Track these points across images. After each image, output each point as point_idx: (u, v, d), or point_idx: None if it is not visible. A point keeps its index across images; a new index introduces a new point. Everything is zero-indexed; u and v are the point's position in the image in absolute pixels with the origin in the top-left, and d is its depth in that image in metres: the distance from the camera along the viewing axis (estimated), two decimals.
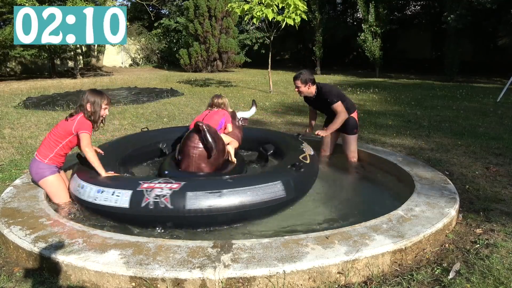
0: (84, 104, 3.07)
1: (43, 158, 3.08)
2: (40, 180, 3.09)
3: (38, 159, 3.09)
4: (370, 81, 14.81)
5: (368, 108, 8.55)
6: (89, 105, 3.07)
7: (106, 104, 3.15)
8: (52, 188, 3.10)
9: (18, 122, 7.01)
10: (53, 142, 3.09)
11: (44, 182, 3.09)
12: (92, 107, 3.07)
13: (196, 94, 11.06)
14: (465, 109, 8.23)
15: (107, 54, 23.22)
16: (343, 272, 2.14)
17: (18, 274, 2.28)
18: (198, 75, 17.75)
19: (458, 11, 13.70)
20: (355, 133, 4.18)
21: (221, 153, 3.54)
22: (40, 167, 3.07)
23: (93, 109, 3.08)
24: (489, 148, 5.02)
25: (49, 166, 3.09)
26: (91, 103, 3.07)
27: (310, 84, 4.01)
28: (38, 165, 3.08)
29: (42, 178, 3.07)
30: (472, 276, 2.19)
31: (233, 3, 9.62)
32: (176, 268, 2.03)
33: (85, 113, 3.07)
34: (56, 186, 3.11)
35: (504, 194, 3.46)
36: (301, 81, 3.98)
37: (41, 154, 3.10)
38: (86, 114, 3.07)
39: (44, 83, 14.45)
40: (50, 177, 3.09)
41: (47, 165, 3.08)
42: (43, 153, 3.09)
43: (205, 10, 18.70)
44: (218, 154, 3.47)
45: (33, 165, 3.12)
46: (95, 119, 3.11)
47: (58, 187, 3.12)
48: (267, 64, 11.65)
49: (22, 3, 12.26)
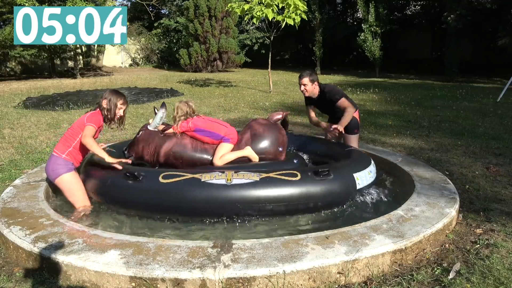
0: (100, 101, 3.16)
1: (61, 153, 3.03)
2: (56, 178, 3.01)
3: (56, 154, 3.04)
4: (370, 81, 14.81)
5: (368, 108, 8.55)
6: (105, 101, 3.15)
7: (121, 103, 3.19)
8: (69, 186, 3.03)
9: (18, 122, 7.00)
10: (70, 136, 3.08)
11: (61, 180, 3.01)
12: (108, 104, 3.14)
13: (196, 94, 11.06)
14: (465, 109, 8.23)
15: (107, 54, 23.22)
16: (343, 272, 2.14)
17: (18, 274, 2.28)
18: (198, 75, 17.75)
19: (458, 11, 13.71)
20: (356, 133, 4.18)
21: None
22: (57, 162, 3.01)
23: (108, 106, 3.14)
24: (489, 148, 5.02)
25: (66, 162, 3.03)
26: (107, 100, 3.15)
27: (316, 83, 3.99)
28: (55, 161, 3.02)
29: (58, 176, 3.00)
30: (472, 276, 2.19)
31: (233, 3, 9.61)
32: (176, 268, 2.03)
33: (101, 109, 3.15)
34: (73, 184, 3.04)
35: (504, 194, 3.46)
36: (309, 79, 3.93)
37: (58, 149, 3.05)
38: (102, 110, 3.14)
39: (44, 83, 14.45)
40: (66, 175, 3.01)
41: (65, 160, 3.02)
42: (61, 148, 3.06)
43: (205, 10, 18.70)
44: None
45: (49, 162, 3.06)
46: (110, 117, 3.17)
47: (75, 185, 3.05)
48: (267, 64, 11.65)
49: (22, 3, 12.27)
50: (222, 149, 3.39)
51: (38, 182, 3.38)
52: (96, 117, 3.09)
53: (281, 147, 3.49)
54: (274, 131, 3.53)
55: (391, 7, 17.72)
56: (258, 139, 3.47)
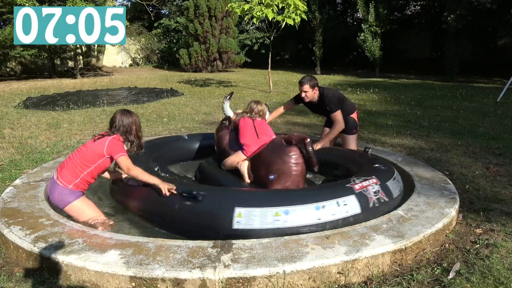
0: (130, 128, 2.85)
1: (67, 184, 2.74)
2: (65, 206, 2.77)
3: (62, 185, 2.74)
4: (370, 81, 14.81)
5: (368, 108, 8.55)
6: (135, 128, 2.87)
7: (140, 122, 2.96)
8: (81, 213, 2.78)
9: (18, 122, 7.00)
10: (80, 166, 2.76)
11: (71, 208, 2.77)
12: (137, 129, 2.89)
13: (196, 94, 11.06)
14: (465, 109, 8.23)
15: (107, 54, 23.21)
16: (343, 272, 2.14)
17: (18, 274, 2.28)
18: (198, 75, 17.75)
19: (458, 11, 13.70)
20: (355, 133, 4.18)
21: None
22: (64, 193, 2.75)
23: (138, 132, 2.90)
24: (489, 148, 5.02)
25: (73, 191, 2.77)
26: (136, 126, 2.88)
27: (316, 88, 3.98)
28: (61, 191, 2.75)
29: (67, 204, 2.76)
30: (472, 276, 2.19)
31: (233, 3, 9.61)
32: (176, 268, 2.03)
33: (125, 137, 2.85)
34: (85, 209, 2.79)
35: (504, 194, 3.47)
36: (310, 85, 3.92)
37: (64, 179, 2.75)
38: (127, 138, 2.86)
39: (44, 83, 14.45)
40: (76, 202, 2.76)
41: (71, 190, 2.76)
42: (67, 178, 2.75)
43: (205, 10, 18.70)
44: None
45: (54, 190, 2.78)
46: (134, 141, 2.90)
47: (87, 210, 2.81)
48: (267, 64, 11.65)
49: (22, 3, 12.25)
50: (234, 155, 3.48)
51: (38, 182, 3.38)
52: (119, 144, 2.78)
53: (275, 175, 3.05)
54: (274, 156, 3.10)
55: (391, 7, 17.71)
56: (257, 158, 3.26)
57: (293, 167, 3.03)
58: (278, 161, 3.05)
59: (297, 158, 3.04)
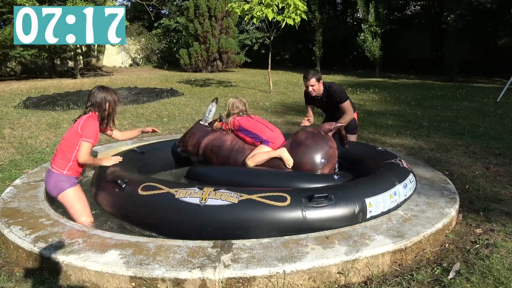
0: (102, 104, 2.83)
1: (61, 169, 2.78)
2: (59, 194, 2.79)
3: (56, 171, 2.78)
4: (370, 81, 14.81)
5: (368, 108, 8.55)
6: (107, 104, 2.86)
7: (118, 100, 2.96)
8: (73, 202, 2.80)
9: (18, 122, 7.01)
10: (67, 149, 2.79)
11: (64, 196, 2.79)
12: (110, 106, 2.88)
13: (196, 94, 11.06)
14: (465, 109, 8.23)
15: (107, 54, 23.21)
16: (343, 272, 2.14)
17: (18, 274, 2.28)
18: (198, 75, 17.75)
19: (458, 11, 13.70)
20: (355, 133, 4.20)
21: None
22: (59, 179, 2.77)
23: (111, 109, 2.89)
24: (489, 148, 5.03)
25: (69, 177, 2.80)
26: (109, 102, 2.86)
27: (321, 81, 3.97)
28: (57, 177, 2.78)
29: (62, 191, 2.77)
30: (472, 276, 2.19)
31: (233, 3, 9.61)
32: (176, 268, 2.03)
33: (99, 113, 2.85)
34: (78, 200, 2.81)
35: (504, 194, 3.47)
36: (316, 79, 3.89)
37: (57, 165, 2.79)
38: (101, 114, 2.86)
39: (44, 83, 14.45)
40: (69, 190, 2.79)
41: (67, 176, 2.79)
42: (60, 163, 2.79)
43: (205, 10, 18.70)
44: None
45: (50, 177, 2.81)
46: (113, 120, 2.95)
47: (80, 201, 2.82)
48: (267, 64, 11.65)
49: (22, 3, 12.25)
50: (257, 149, 3.37)
51: (38, 182, 3.38)
52: (93, 125, 2.77)
53: (324, 159, 3.25)
54: (318, 141, 3.31)
55: (391, 7, 17.70)
56: (297, 146, 3.32)
57: (336, 151, 3.41)
58: (325, 147, 3.34)
59: (335, 144, 3.43)
